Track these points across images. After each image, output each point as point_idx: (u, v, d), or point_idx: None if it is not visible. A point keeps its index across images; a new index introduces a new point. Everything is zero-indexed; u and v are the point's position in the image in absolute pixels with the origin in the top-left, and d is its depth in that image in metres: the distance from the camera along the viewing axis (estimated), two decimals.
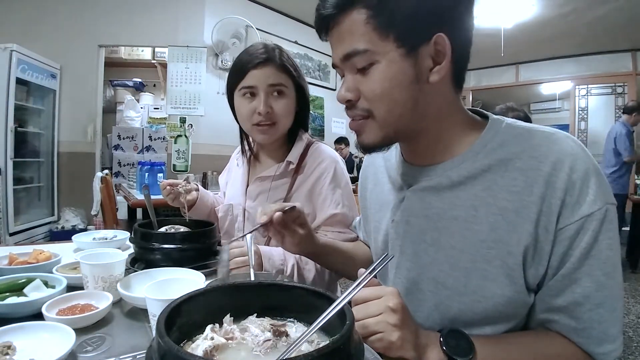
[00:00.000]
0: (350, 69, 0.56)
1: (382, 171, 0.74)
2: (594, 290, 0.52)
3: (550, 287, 0.55)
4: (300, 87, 1.05)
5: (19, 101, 3.38)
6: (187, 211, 1.16)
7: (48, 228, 3.78)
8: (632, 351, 2.17)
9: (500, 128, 0.58)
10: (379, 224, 0.73)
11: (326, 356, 0.32)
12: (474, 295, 0.57)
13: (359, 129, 0.58)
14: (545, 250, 0.53)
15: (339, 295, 0.41)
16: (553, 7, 4.34)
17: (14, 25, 3.72)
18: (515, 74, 6.44)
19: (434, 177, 0.60)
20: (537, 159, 0.53)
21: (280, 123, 1.02)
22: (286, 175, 1.06)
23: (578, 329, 0.53)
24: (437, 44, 0.52)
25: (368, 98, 0.55)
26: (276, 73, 0.99)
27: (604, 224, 0.51)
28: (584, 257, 0.52)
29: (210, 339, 0.38)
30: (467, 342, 0.53)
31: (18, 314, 0.59)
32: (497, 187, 0.55)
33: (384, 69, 0.53)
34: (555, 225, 0.52)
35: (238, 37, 4.04)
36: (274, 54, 1.00)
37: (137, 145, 4.21)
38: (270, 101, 0.99)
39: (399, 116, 0.55)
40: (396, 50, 0.52)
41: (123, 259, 0.72)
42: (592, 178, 0.52)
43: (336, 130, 5.66)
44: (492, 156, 0.56)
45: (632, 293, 3.10)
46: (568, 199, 0.51)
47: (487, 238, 0.55)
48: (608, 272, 0.52)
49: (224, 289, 0.46)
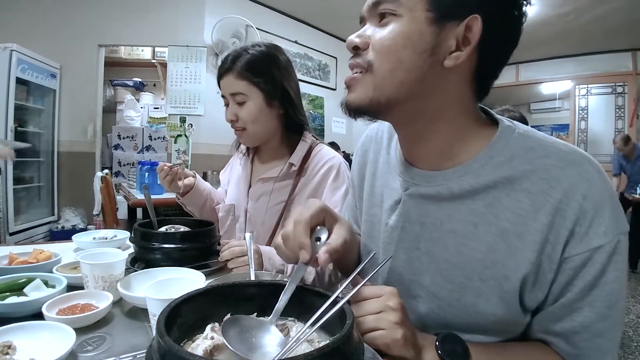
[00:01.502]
0: (374, 18, 0.52)
1: (381, 162, 0.70)
2: (594, 321, 0.50)
3: (549, 313, 0.53)
4: (276, 88, 1.02)
5: (19, 101, 3.38)
6: (182, 197, 1.17)
7: (48, 228, 3.77)
8: (632, 351, 2.17)
9: (510, 139, 0.53)
10: (371, 219, 0.70)
11: (326, 356, 0.32)
12: (466, 309, 0.55)
13: (351, 83, 0.54)
14: (547, 278, 0.50)
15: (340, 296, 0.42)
16: (553, 7, 4.33)
17: (14, 25, 3.72)
18: (515, 74, 6.43)
19: (434, 185, 0.56)
20: (547, 182, 0.49)
21: (249, 129, 1.04)
22: (288, 177, 1.06)
23: (572, 354, 0.52)
24: (468, 28, 0.48)
25: (375, 48, 0.51)
26: (234, 82, 1.01)
27: (614, 256, 0.48)
28: (587, 288, 0.49)
29: (210, 339, 0.38)
30: (463, 348, 0.52)
31: (18, 314, 0.59)
32: (501, 206, 0.51)
33: (402, 23, 0.49)
34: (561, 255, 0.49)
35: (238, 37, 4.04)
36: (235, 62, 1.01)
37: (137, 144, 4.20)
38: (235, 109, 1.03)
39: (399, 82, 0.50)
40: (424, 11, 0.48)
41: (123, 259, 0.72)
42: (607, 207, 0.48)
43: (336, 130, 5.65)
44: (498, 172, 0.52)
45: (632, 293, 3.10)
46: (577, 229, 0.48)
47: (484, 258, 0.53)
48: (611, 305, 0.49)
49: (224, 289, 0.46)
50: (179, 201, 1.21)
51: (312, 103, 5.28)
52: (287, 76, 1.05)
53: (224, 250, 0.88)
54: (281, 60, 1.05)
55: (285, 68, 1.05)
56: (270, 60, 1.03)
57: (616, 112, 5.64)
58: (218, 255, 0.92)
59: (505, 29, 0.50)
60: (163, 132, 4.20)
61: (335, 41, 5.43)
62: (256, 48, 1.03)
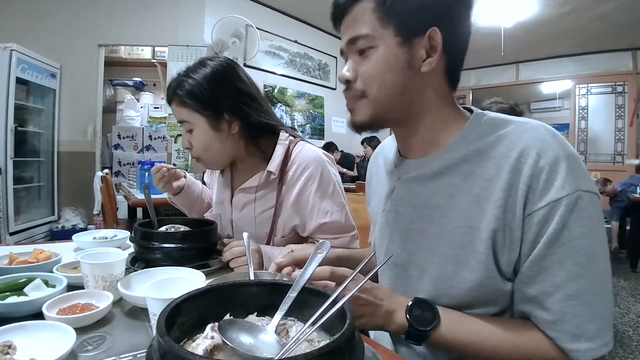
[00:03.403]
0: (353, 52, 0.61)
1: (382, 168, 0.78)
2: (565, 280, 0.51)
3: (522, 275, 0.55)
4: (222, 110, 0.94)
5: (19, 101, 3.38)
6: (173, 197, 1.17)
7: (48, 227, 3.78)
8: (632, 350, 2.17)
9: (481, 121, 0.61)
10: (376, 217, 0.77)
11: (326, 355, 0.32)
12: (449, 280, 0.59)
13: (353, 107, 0.63)
14: (516, 236, 0.53)
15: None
16: (553, 6, 4.33)
17: (14, 24, 3.72)
18: (515, 73, 6.44)
19: (419, 168, 0.64)
20: (507, 147, 0.55)
21: (202, 157, 1.00)
22: (269, 185, 1.01)
23: (550, 321, 0.52)
24: (431, 38, 0.57)
25: (363, 78, 0.60)
26: (178, 110, 0.96)
27: (575, 210, 0.50)
28: (551, 242, 0.51)
29: (211, 338, 0.38)
30: (432, 314, 0.57)
31: (18, 314, 0.59)
32: (474, 177, 0.57)
33: (380, 53, 0.58)
34: (523, 211, 0.53)
35: (238, 36, 4.04)
36: (176, 91, 0.95)
37: (137, 144, 4.21)
38: (188, 136, 0.99)
39: (388, 97, 0.59)
40: (394, 38, 0.57)
41: (123, 259, 0.72)
42: (562, 164, 0.51)
43: (336, 129, 5.65)
44: (471, 146, 0.59)
45: (632, 292, 3.10)
46: (534, 185, 0.52)
47: (460, 224, 0.57)
48: (581, 263, 0.50)
49: (224, 288, 0.46)
50: (170, 200, 1.21)
51: (312, 103, 5.28)
52: (236, 90, 0.97)
53: (225, 251, 0.88)
54: (228, 75, 0.96)
55: (233, 81, 0.97)
56: (213, 83, 0.94)
57: (616, 112, 5.64)
58: (219, 255, 0.92)
59: (458, 30, 0.59)
60: (163, 131, 4.20)
61: (335, 41, 5.42)
62: (198, 71, 0.95)
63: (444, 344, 0.57)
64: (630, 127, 5.50)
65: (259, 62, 4.48)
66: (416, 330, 0.57)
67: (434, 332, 0.56)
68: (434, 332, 0.56)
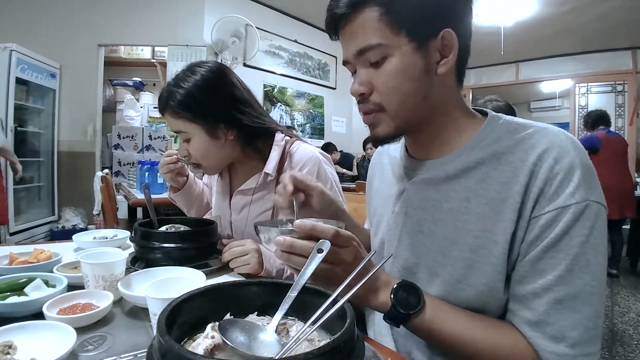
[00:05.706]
0: (363, 63, 0.58)
1: (387, 168, 0.76)
2: (554, 283, 0.50)
3: (515, 272, 0.55)
4: (218, 117, 0.94)
5: (19, 101, 3.38)
6: (174, 193, 1.17)
7: (48, 227, 3.78)
8: (633, 349, 2.17)
9: (497, 124, 0.60)
10: (381, 217, 0.74)
11: (327, 354, 0.32)
12: (459, 284, 0.57)
13: (372, 122, 0.61)
14: (518, 236, 0.53)
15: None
16: (553, 6, 4.33)
17: (14, 25, 3.72)
18: (515, 73, 6.43)
19: (432, 170, 0.63)
20: (525, 151, 0.55)
21: (202, 163, 1.00)
22: (267, 186, 1.02)
23: (533, 321, 0.52)
24: (444, 39, 0.55)
25: (381, 91, 0.57)
26: (173, 121, 0.96)
27: (580, 219, 0.50)
28: (550, 247, 0.51)
29: (211, 338, 0.38)
30: (417, 300, 0.55)
31: (19, 314, 0.59)
32: (490, 180, 0.56)
33: (397, 62, 0.55)
34: (531, 213, 0.52)
35: (238, 36, 4.04)
36: (168, 101, 0.94)
37: (137, 144, 4.20)
38: (185, 146, 0.99)
39: (410, 108, 0.58)
40: (408, 44, 0.55)
41: (123, 258, 0.72)
42: (577, 172, 0.51)
43: (336, 129, 5.65)
44: (487, 150, 0.58)
45: (632, 291, 3.10)
46: (547, 189, 0.52)
47: (474, 228, 0.56)
48: (573, 269, 0.50)
49: (224, 288, 0.46)
50: (170, 197, 1.21)
51: (312, 102, 5.28)
52: (229, 97, 0.96)
53: (225, 252, 0.88)
54: (219, 82, 0.96)
55: (225, 87, 0.96)
56: (206, 92, 0.93)
57: (616, 111, 5.63)
58: (219, 254, 0.92)
59: (465, 27, 0.58)
60: (163, 131, 4.20)
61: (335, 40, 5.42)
62: (188, 80, 0.94)
63: (423, 330, 0.56)
64: (630, 126, 5.50)
65: (259, 61, 4.48)
66: (397, 312, 0.55)
67: (415, 317, 0.55)
68: (415, 317, 0.55)
